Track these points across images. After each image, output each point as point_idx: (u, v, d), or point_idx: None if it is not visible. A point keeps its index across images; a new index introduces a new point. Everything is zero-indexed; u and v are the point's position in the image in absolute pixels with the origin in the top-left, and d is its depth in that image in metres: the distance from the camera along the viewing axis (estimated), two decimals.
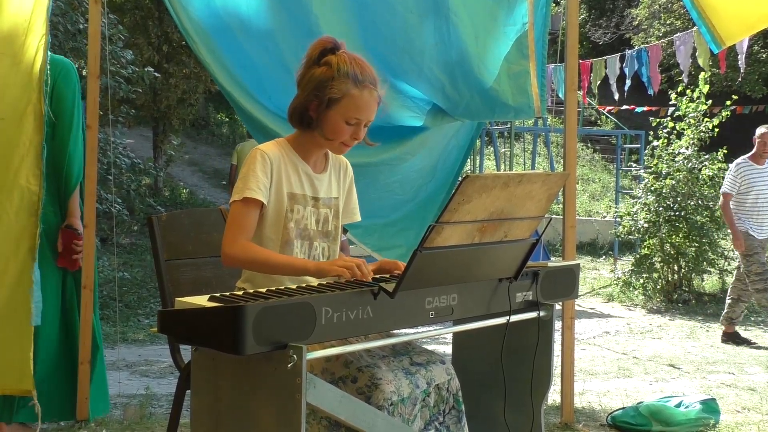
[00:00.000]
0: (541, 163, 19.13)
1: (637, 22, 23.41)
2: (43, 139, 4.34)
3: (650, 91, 12.91)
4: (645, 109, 15.74)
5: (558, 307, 3.21)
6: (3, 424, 4.62)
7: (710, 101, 11.64)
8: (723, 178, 11.40)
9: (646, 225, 11.49)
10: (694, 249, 11.16)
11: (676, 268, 11.47)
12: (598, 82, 13.40)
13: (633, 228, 11.79)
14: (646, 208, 11.57)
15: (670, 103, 11.99)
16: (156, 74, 11.66)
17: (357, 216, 3.13)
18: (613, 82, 13.12)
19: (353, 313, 2.39)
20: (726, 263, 11.64)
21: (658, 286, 11.53)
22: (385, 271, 2.84)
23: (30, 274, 4.34)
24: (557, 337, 3.38)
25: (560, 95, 14.53)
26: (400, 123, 5.05)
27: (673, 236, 11.20)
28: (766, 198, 8.38)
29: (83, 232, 4.55)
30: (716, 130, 11.55)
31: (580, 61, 12.06)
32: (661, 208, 11.34)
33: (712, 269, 11.58)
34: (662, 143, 11.73)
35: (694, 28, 10.37)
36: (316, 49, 2.86)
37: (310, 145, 2.94)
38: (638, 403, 4.87)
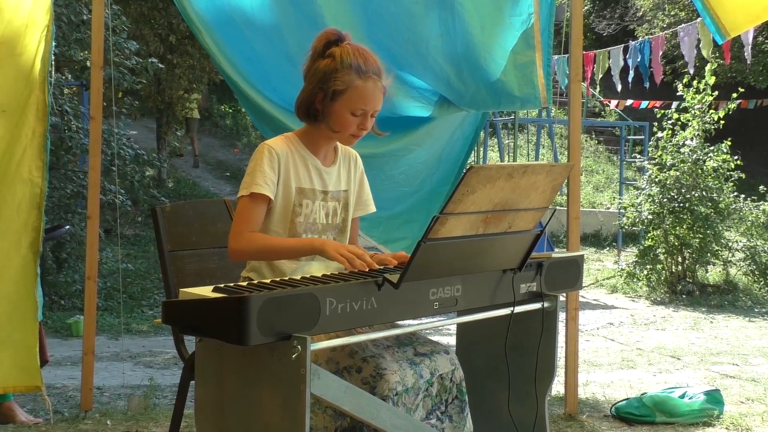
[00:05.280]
0: (544, 154, 19.10)
1: (641, 13, 23.33)
2: (46, 129, 4.33)
3: (646, 83, 12.87)
4: (648, 104, 15.70)
5: (562, 298, 3.21)
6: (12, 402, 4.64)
7: (716, 93, 11.62)
8: (727, 169, 11.43)
9: (650, 216, 11.49)
10: (698, 240, 11.15)
11: (680, 259, 11.47)
12: (601, 74, 13.37)
13: (637, 219, 11.79)
14: (650, 200, 11.57)
15: (677, 93, 11.98)
16: (160, 65, 11.65)
17: (371, 207, 3.13)
18: (616, 73, 13.10)
19: (357, 304, 2.39)
20: (730, 254, 11.65)
21: (662, 278, 11.53)
22: (399, 258, 2.82)
23: (33, 268, 4.32)
24: (561, 328, 3.38)
25: (562, 87, 14.55)
26: (406, 113, 5.05)
27: (677, 227, 11.20)
28: None
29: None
30: (722, 122, 11.54)
31: (584, 52, 12.03)
32: (665, 200, 11.34)
33: (716, 260, 11.59)
34: (667, 134, 11.72)
35: (699, 19, 10.34)
36: (321, 41, 2.86)
37: (319, 138, 2.93)
38: (642, 394, 4.87)
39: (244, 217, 2.79)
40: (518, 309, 2.90)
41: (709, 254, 11.35)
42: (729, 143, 11.48)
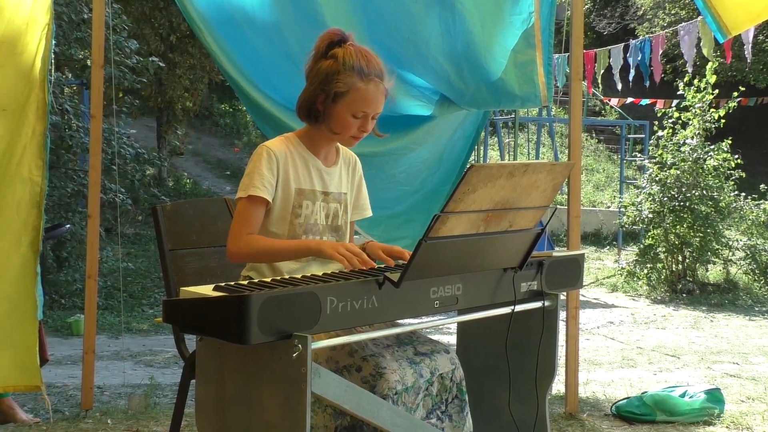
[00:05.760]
0: (545, 153, 19.10)
1: (641, 12, 23.32)
2: (46, 128, 4.33)
3: (646, 82, 12.87)
4: (649, 101, 15.71)
5: (562, 297, 3.21)
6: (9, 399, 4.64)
7: (716, 91, 11.62)
8: (728, 168, 11.43)
9: (650, 215, 11.49)
10: (698, 239, 11.15)
11: (680, 258, 11.46)
12: (602, 72, 13.36)
13: (637, 218, 11.79)
14: (650, 198, 11.57)
15: (678, 92, 11.97)
16: (160, 64, 11.64)
17: (368, 212, 3.13)
18: (616, 72, 13.09)
19: (358, 302, 2.39)
20: (730, 253, 11.64)
21: (662, 277, 11.52)
22: (395, 254, 2.82)
23: (33, 267, 4.32)
24: (561, 327, 3.38)
25: (559, 85, 14.53)
26: (407, 112, 5.04)
27: (678, 226, 11.19)
28: None
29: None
30: (722, 120, 11.53)
31: (585, 51, 12.01)
32: (665, 198, 11.33)
33: (716, 259, 11.58)
34: (667, 133, 11.72)
35: (699, 18, 10.33)
36: (324, 41, 2.85)
37: (320, 139, 2.93)
38: (642, 393, 4.87)
39: (243, 219, 2.80)
40: (519, 308, 2.90)
41: (709, 253, 11.34)
42: (729, 142, 11.48)
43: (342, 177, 3.01)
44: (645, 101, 15.97)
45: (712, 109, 11.62)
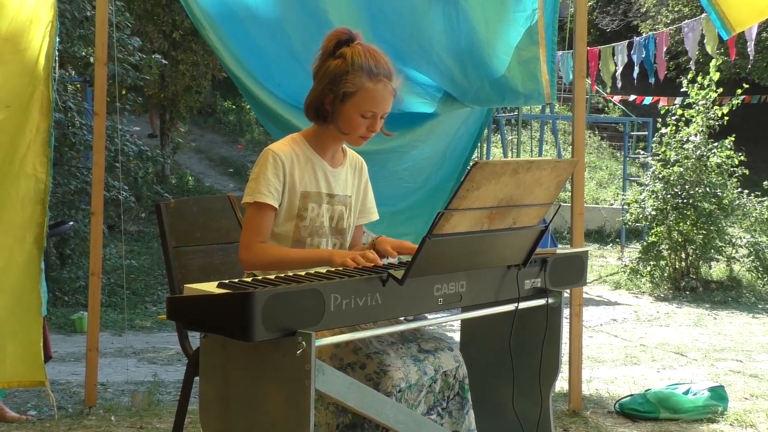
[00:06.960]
0: (548, 150, 19.08)
1: (644, 9, 23.29)
2: (50, 125, 4.34)
3: (651, 79, 12.85)
4: (652, 99, 15.69)
5: (566, 294, 3.20)
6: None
7: (721, 89, 11.61)
8: (731, 165, 11.43)
9: (653, 212, 11.49)
10: (701, 236, 11.15)
11: (683, 255, 11.46)
12: (611, 71, 13.32)
13: (640, 215, 11.78)
14: (653, 196, 11.56)
15: (682, 89, 11.96)
16: (163, 61, 11.64)
17: (374, 215, 3.11)
18: (619, 69, 13.06)
19: (362, 300, 2.39)
20: (734, 251, 11.63)
21: (666, 274, 11.52)
22: (404, 251, 2.81)
23: (37, 264, 4.33)
24: (565, 324, 3.38)
25: (566, 82, 14.51)
26: (410, 109, 5.04)
27: (681, 224, 11.19)
28: None
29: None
30: (725, 118, 11.52)
31: (588, 48, 11.98)
32: (668, 196, 11.33)
33: (719, 257, 11.58)
34: (670, 131, 11.71)
35: (703, 15, 10.32)
36: (331, 40, 2.83)
37: (327, 139, 2.91)
38: (646, 391, 4.87)
39: (253, 227, 2.79)
40: (522, 305, 2.90)
41: (712, 250, 11.34)
42: (732, 139, 11.47)
43: (348, 179, 2.99)
44: (648, 99, 15.96)
45: (715, 107, 11.61)
